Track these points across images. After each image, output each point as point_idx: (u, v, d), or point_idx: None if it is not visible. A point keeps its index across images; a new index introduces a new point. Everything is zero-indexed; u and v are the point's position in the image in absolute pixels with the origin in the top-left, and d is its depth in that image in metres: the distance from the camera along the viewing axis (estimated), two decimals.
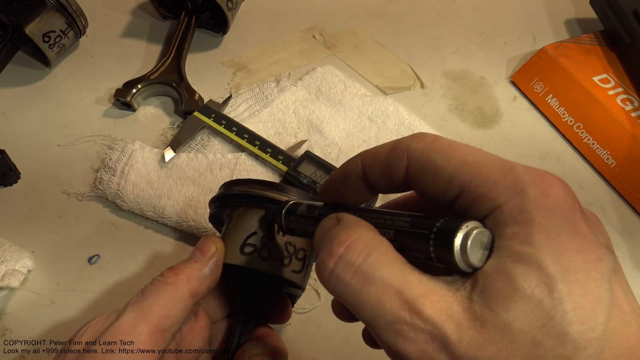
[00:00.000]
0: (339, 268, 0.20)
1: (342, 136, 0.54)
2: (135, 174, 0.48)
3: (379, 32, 0.67)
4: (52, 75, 0.59)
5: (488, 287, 0.17)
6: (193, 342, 0.31)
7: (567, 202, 0.18)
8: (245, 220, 0.32)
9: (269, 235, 0.31)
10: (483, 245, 0.18)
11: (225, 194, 0.34)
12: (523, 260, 0.17)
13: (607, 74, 0.58)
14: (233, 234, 0.32)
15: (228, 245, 0.32)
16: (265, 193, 0.32)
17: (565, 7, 0.73)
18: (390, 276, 0.19)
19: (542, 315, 0.16)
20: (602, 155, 0.55)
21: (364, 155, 0.23)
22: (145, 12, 0.67)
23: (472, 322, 0.17)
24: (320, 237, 0.23)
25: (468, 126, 0.58)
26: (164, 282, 0.29)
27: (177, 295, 0.28)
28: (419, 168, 0.21)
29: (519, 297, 0.17)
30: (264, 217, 0.32)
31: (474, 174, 0.19)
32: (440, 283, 0.19)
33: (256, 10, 0.68)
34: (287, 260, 0.31)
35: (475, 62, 0.65)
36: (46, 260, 0.45)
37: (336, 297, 0.20)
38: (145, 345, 0.26)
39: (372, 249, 0.20)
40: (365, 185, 0.23)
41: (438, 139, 0.21)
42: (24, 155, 0.51)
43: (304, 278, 0.33)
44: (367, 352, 0.42)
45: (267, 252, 0.31)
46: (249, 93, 0.58)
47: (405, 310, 0.18)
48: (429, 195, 0.21)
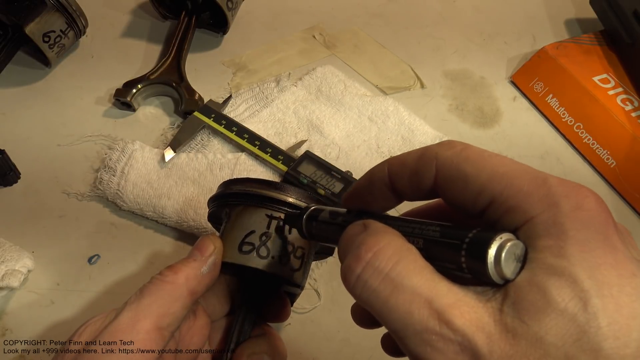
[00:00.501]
0: (366, 274, 0.20)
1: (342, 136, 0.54)
2: (135, 174, 0.48)
3: (379, 32, 0.67)
4: (52, 75, 0.59)
5: (520, 299, 0.17)
6: (192, 341, 0.31)
7: (601, 215, 0.18)
8: (243, 219, 0.32)
9: (267, 233, 0.31)
10: (517, 258, 0.18)
11: (223, 192, 0.34)
12: (557, 273, 0.17)
13: (607, 74, 0.58)
14: (231, 232, 0.32)
15: (226, 244, 0.32)
16: (264, 192, 0.32)
17: (565, 7, 0.73)
18: (419, 284, 0.19)
19: (575, 330, 0.16)
20: (602, 155, 0.55)
21: (391, 162, 0.23)
22: (145, 12, 0.67)
23: (503, 334, 0.17)
24: (346, 243, 0.22)
25: (468, 126, 0.58)
26: (163, 280, 0.29)
27: (176, 293, 0.28)
28: (448, 176, 0.21)
29: (553, 310, 0.16)
30: (281, 220, 0.32)
31: (505, 184, 0.19)
32: (470, 293, 0.18)
33: (256, 10, 0.68)
34: (285, 259, 0.31)
35: (475, 62, 0.65)
36: (46, 260, 0.45)
37: (361, 304, 0.20)
38: (144, 344, 0.26)
39: (401, 257, 0.20)
40: (391, 193, 0.23)
41: (468, 147, 0.21)
42: (24, 155, 0.51)
43: (303, 276, 0.33)
44: (367, 352, 0.42)
45: (266, 251, 0.31)
46: (249, 93, 0.58)
47: (434, 320, 0.18)
48: (457, 204, 0.21)
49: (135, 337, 0.26)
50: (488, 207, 0.20)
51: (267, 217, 0.32)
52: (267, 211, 0.32)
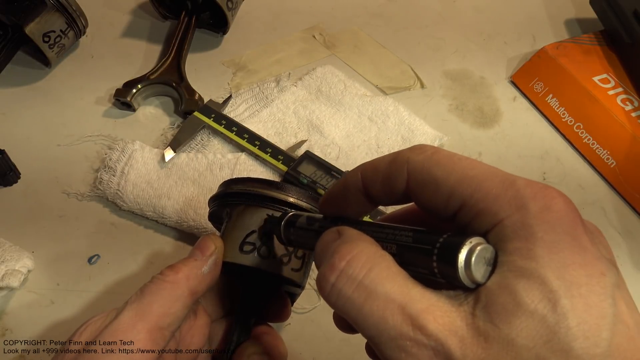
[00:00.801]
0: (340, 282, 0.20)
1: (342, 136, 0.54)
2: (135, 174, 0.48)
3: (379, 32, 0.67)
4: (52, 75, 0.59)
5: (491, 303, 0.17)
6: (192, 341, 0.31)
7: (569, 216, 0.18)
8: (244, 219, 0.32)
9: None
10: (487, 261, 0.18)
11: (224, 192, 0.34)
12: (525, 275, 0.17)
13: (607, 74, 0.58)
14: (232, 232, 0.32)
15: (227, 243, 0.32)
16: (265, 191, 0.32)
17: (565, 7, 0.73)
18: (392, 291, 0.19)
19: (546, 331, 0.16)
20: (602, 155, 0.55)
21: (364, 167, 0.23)
22: (145, 12, 0.67)
23: (475, 338, 0.17)
24: (321, 250, 0.23)
25: (468, 126, 0.58)
26: (163, 280, 0.28)
27: (176, 293, 0.28)
28: (419, 181, 0.21)
29: (522, 312, 0.17)
30: (262, 227, 0.32)
31: (474, 187, 0.19)
32: (443, 298, 0.19)
33: (256, 10, 0.68)
34: (286, 259, 0.31)
35: (475, 62, 0.65)
36: (46, 260, 0.45)
37: (337, 312, 0.20)
38: (145, 344, 0.26)
39: (374, 264, 0.20)
40: (365, 198, 0.23)
41: (438, 151, 0.21)
42: (24, 155, 0.51)
43: (303, 276, 0.33)
44: None
45: (267, 251, 0.31)
46: (249, 93, 0.58)
47: (408, 326, 0.18)
48: (429, 208, 0.21)
49: (135, 337, 0.26)
50: (459, 210, 0.20)
51: (268, 217, 0.32)
52: (268, 211, 0.32)
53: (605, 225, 0.51)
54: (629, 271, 0.48)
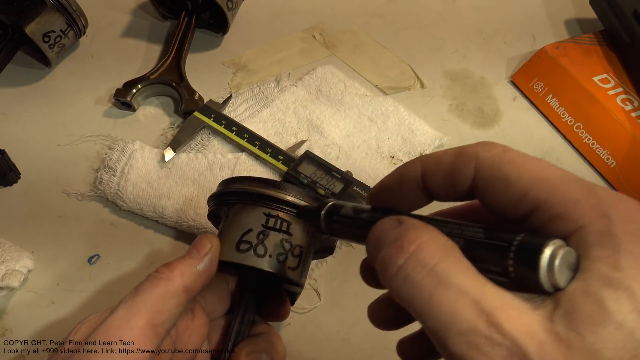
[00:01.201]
0: (409, 266, 0.19)
1: (342, 136, 0.54)
2: (135, 174, 0.48)
3: (379, 32, 0.67)
4: (52, 75, 0.59)
5: (574, 310, 0.17)
6: (190, 340, 0.31)
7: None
8: (241, 218, 0.32)
9: (264, 232, 0.31)
10: (570, 266, 0.17)
11: (222, 191, 0.34)
12: (613, 285, 0.16)
13: (607, 74, 0.58)
14: (229, 231, 0.32)
15: (224, 242, 0.32)
16: (261, 190, 0.32)
17: (565, 7, 0.73)
18: (466, 283, 0.18)
19: (634, 345, 0.16)
20: (602, 155, 0.55)
21: (424, 160, 0.22)
22: (145, 12, 0.67)
23: (556, 344, 0.16)
24: (378, 236, 0.21)
25: (468, 126, 0.58)
26: (158, 277, 0.28)
27: (171, 290, 0.28)
28: (488, 178, 0.20)
29: (610, 323, 0.16)
30: (299, 213, 0.32)
31: (551, 190, 0.18)
32: (517, 298, 0.18)
33: (256, 10, 0.68)
34: (283, 257, 0.31)
35: (475, 62, 0.65)
36: (46, 260, 0.45)
37: (398, 298, 0.19)
38: (138, 341, 0.26)
39: (447, 252, 0.19)
40: (422, 192, 0.23)
41: (509, 149, 0.20)
42: (24, 155, 0.51)
43: (301, 275, 0.33)
44: (367, 352, 0.42)
45: (263, 249, 0.31)
46: (249, 93, 0.58)
47: (482, 322, 0.17)
48: (497, 208, 0.20)
49: (128, 335, 0.26)
50: (531, 212, 0.19)
51: (265, 216, 0.32)
52: (265, 209, 0.32)
53: None
54: None
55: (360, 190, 0.47)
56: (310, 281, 0.45)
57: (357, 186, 0.47)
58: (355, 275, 0.46)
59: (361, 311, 0.44)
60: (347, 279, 0.46)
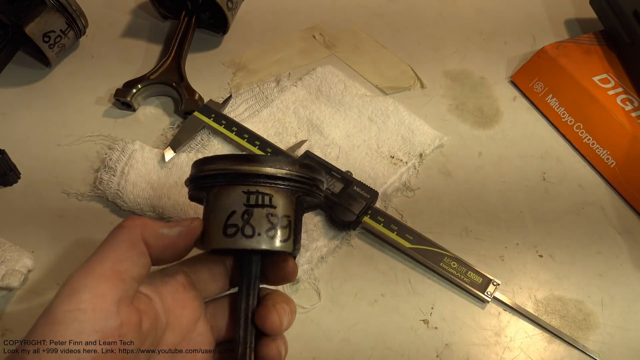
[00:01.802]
0: None
1: (342, 136, 0.54)
2: (135, 174, 0.48)
3: (379, 32, 0.67)
4: (52, 75, 0.59)
5: None
6: (183, 314, 0.31)
7: None
8: (222, 201, 0.31)
9: (248, 211, 0.30)
10: None
11: (195, 175, 0.33)
12: None
13: (607, 74, 0.58)
14: (213, 216, 0.31)
15: (211, 229, 0.31)
16: (237, 167, 0.31)
17: (565, 7, 0.73)
18: None
19: None
20: (602, 155, 0.55)
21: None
22: (145, 12, 0.67)
23: None
24: None
25: (468, 126, 0.58)
26: (120, 226, 0.29)
27: (132, 238, 0.28)
28: None
29: None
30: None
31: None
32: None
33: (256, 10, 0.68)
34: (272, 232, 0.31)
35: (475, 62, 0.65)
36: (46, 260, 0.45)
37: None
38: (104, 286, 0.25)
39: None
40: None
41: None
42: (24, 155, 0.51)
43: (294, 244, 0.32)
44: (367, 352, 0.42)
45: (251, 229, 0.30)
46: (249, 93, 0.58)
47: None
48: None
49: (94, 281, 0.25)
50: None
51: (245, 194, 0.31)
52: (243, 187, 0.31)
53: (605, 225, 0.51)
54: (629, 271, 0.48)
55: (360, 190, 0.47)
56: (310, 281, 0.45)
57: (357, 186, 0.47)
58: (355, 275, 0.46)
59: (361, 311, 0.44)
60: (347, 279, 0.46)
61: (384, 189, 0.51)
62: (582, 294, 0.46)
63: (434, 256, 0.46)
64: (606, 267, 0.48)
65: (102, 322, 0.24)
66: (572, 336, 0.44)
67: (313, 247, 0.46)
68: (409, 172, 0.53)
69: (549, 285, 0.46)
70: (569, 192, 0.53)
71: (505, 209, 0.51)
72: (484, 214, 0.51)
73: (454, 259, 0.46)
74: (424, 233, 0.47)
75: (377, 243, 0.48)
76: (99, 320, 0.24)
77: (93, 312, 0.24)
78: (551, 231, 0.50)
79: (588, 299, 0.46)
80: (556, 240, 0.50)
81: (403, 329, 0.43)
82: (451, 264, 0.45)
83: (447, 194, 0.52)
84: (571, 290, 0.46)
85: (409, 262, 0.47)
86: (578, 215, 0.52)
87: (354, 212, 0.46)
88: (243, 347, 0.31)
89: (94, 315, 0.24)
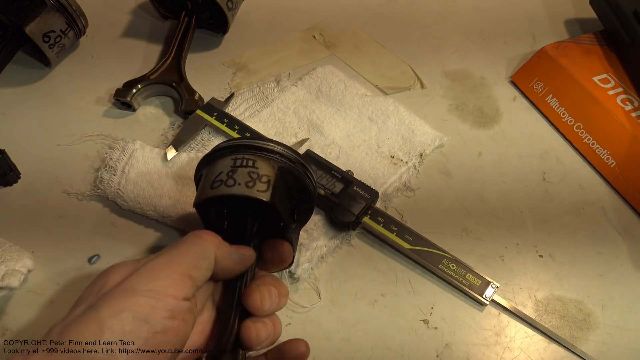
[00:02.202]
0: None
1: (342, 136, 0.54)
2: (136, 173, 0.48)
3: (379, 32, 0.67)
4: (52, 75, 0.59)
5: None
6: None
7: None
8: (214, 168, 0.36)
9: (233, 169, 0.35)
10: None
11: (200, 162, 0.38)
12: None
13: (607, 74, 0.58)
14: (205, 181, 0.36)
15: (201, 189, 0.36)
16: (226, 143, 0.37)
17: (565, 7, 0.73)
18: None
19: None
20: (602, 155, 0.55)
21: None
22: (145, 12, 0.67)
23: None
24: None
25: (468, 126, 0.58)
26: (199, 236, 0.32)
27: (206, 252, 0.32)
28: None
29: None
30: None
31: None
32: None
33: (256, 10, 0.68)
34: (251, 183, 0.35)
35: (475, 62, 0.65)
36: (46, 260, 0.45)
37: None
38: (178, 286, 0.29)
39: None
40: None
41: None
42: (24, 155, 0.51)
43: (271, 197, 0.35)
44: (367, 352, 0.42)
45: (232, 181, 0.35)
46: (249, 93, 0.58)
47: None
48: None
49: (169, 279, 0.29)
50: None
51: (232, 160, 0.36)
52: (232, 156, 0.36)
53: (605, 225, 0.51)
54: (629, 271, 0.48)
55: (361, 190, 0.47)
56: (310, 280, 0.45)
57: (357, 186, 0.47)
58: (355, 275, 0.46)
59: (361, 311, 0.44)
60: (347, 279, 0.46)
61: (384, 189, 0.51)
62: (582, 294, 0.46)
63: (433, 257, 0.45)
64: (606, 267, 0.48)
65: (172, 305, 0.28)
66: (572, 336, 0.44)
67: (313, 247, 0.46)
68: (409, 172, 0.53)
69: (549, 286, 0.46)
70: (569, 192, 0.53)
71: (505, 209, 0.51)
72: (484, 214, 0.51)
73: (453, 260, 0.45)
74: (423, 233, 0.47)
75: (377, 243, 0.48)
76: (170, 304, 0.28)
77: (166, 296, 0.28)
78: (551, 231, 0.50)
79: (588, 299, 0.46)
80: (556, 240, 0.50)
81: (403, 329, 0.43)
82: (450, 265, 0.45)
83: (447, 194, 0.52)
84: (571, 291, 0.46)
85: (409, 262, 0.47)
86: (578, 215, 0.52)
87: (354, 213, 0.46)
88: (226, 322, 0.33)
89: (166, 299, 0.28)
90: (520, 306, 0.45)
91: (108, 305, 0.27)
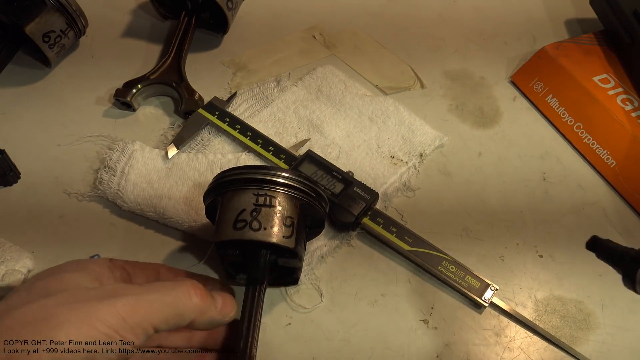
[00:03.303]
0: None
1: (343, 136, 0.54)
2: (136, 174, 0.48)
3: (379, 32, 0.67)
4: (52, 75, 0.59)
5: None
6: None
7: None
8: (234, 201, 0.36)
9: (256, 209, 0.35)
10: None
11: (213, 185, 0.38)
12: None
13: (607, 74, 0.58)
14: (225, 215, 0.36)
15: (222, 225, 0.35)
16: (247, 175, 0.36)
17: (565, 7, 0.73)
18: None
19: None
20: (602, 155, 0.55)
21: None
22: (145, 12, 0.67)
23: None
24: None
25: (468, 126, 0.58)
26: (187, 293, 0.30)
27: (184, 312, 0.30)
28: None
29: None
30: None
31: None
32: None
33: (256, 10, 0.68)
34: (276, 228, 0.35)
35: (475, 62, 0.65)
36: (46, 260, 0.45)
37: None
38: (137, 335, 0.27)
39: None
40: None
41: None
42: (24, 155, 0.51)
43: (295, 242, 0.36)
44: (367, 352, 0.42)
45: (258, 224, 0.34)
46: (249, 93, 0.58)
47: None
48: None
49: (130, 322, 0.27)
50: None
51: (255, 196, 0.35)
52: (254, 190, 0.36)
53: (605, 225, 0.51)
54: None
55: (361, 191, 0.47)
56: (311, 280, 0.45)
57: (357, 187, 0.47)
58: (355, 275, 0.46)
59: (361, 311, 0.44)
60: (347, 279, 0.46)
61: (384, 189, 0.51)
62: (582, 294, 0.46)
63: (432, 259, 0.45)
64: (606, 267, 0.48)
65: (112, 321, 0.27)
66: (572, 336, 0.44)
67: (313, 247, 0.46)
68: (409, 172, 0.53)
69: (549, 286, 0.46)
70: (569, 192, 0.53)
71: (505, 209, 0.51)
72: (484, 214, 0.51)
73: (452, 262, 0.45)
74: (423, 233, 0.47)
75: (377, 243, 0.48)
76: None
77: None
78: (551, 231, 0.50)
79: (588, 299, 0.46)
80: (556, 240, 0.50)
81: (403, 329, 0.43)
82: (449, 267, 0.45)
83: (447, 194, 0.52)
84: (571, 291, 0.46)
85: (409, 262, 0.47)
86: (578, 215, 0.52)
87: (353, 214, 0.46)
88: (245, 341, 0.34)
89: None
90: (520, 306, 0.45)
91: (66, 319, 0.27)
